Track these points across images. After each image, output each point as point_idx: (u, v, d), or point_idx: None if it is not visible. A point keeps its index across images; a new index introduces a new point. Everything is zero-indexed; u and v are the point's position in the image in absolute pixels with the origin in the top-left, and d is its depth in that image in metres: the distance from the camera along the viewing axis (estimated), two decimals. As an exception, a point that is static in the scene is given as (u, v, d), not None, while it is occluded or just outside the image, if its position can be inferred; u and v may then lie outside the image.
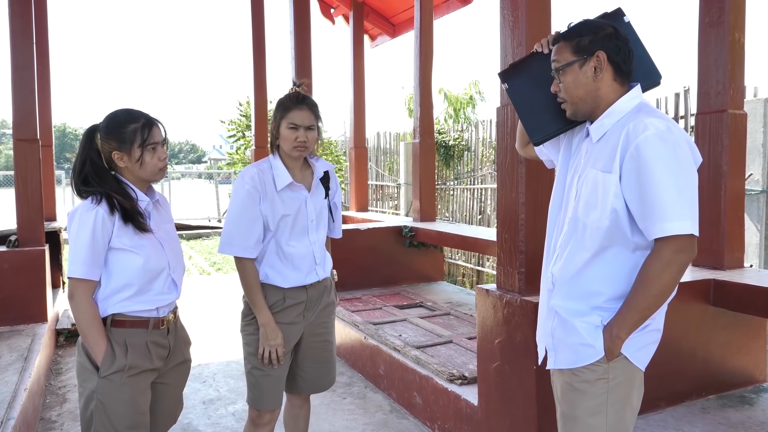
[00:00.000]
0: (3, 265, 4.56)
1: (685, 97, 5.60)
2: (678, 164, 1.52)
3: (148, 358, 1.99)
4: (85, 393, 1.93)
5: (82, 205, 1.92)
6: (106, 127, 1.99)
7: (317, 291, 2.42)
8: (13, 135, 4.78)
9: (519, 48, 2.59)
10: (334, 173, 2.50)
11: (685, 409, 2.89)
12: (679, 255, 1.52)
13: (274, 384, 2.37)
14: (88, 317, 1.90)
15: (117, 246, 1.92)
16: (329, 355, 2.52)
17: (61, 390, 4.05)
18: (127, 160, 1.97)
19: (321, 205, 2.40)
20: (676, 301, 2.91)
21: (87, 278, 1.89)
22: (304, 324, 2.41)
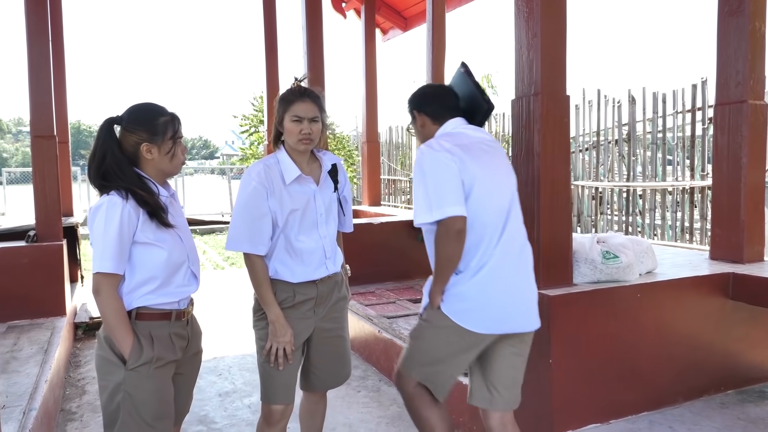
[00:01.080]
0: (22, 260, 4.62)
1: (703, 88, 5.54)
2: (428, 170, 2.15)
3: (172, 350, 2.02)
4: (110, 386, 1.93)
5: (107, 199, 1.90)
6: (135, 119, 1.98)
7: (328, 286, 2.38)
8: (31, 132, 4.83)
9: (534, 39, 2.57)
10: (342, 166, 2.48)
11: (703, 403, 2.87)
12: (445, 232, 2.07)
13: (286, 378, 2.33)
14: (116, 312, 1.90)
15: (141, 240, 1.93)
16: (343, 351, 2.48)
17: (80, 382, 4.10)
18: (156, 153, 1.98)
19: (330, 198, 2.37)
20: (695, 295, 2.91)
21: (115, 273, 1.88)
22: (315, 320, 2.37)
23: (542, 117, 2.58)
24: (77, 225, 6.35)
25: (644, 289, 2.77)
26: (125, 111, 2.02)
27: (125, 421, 1.92)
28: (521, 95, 2.68)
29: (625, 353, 2.71)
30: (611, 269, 2.75)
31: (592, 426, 2.63)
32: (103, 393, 1.96)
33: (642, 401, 2.76)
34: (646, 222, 6.18)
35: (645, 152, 6.24)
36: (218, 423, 3.45)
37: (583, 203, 6.90)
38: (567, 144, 2.68)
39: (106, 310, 1.90)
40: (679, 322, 2.87)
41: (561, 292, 2.57)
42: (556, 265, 2.65)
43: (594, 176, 6.80)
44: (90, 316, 5.26)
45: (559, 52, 2.62)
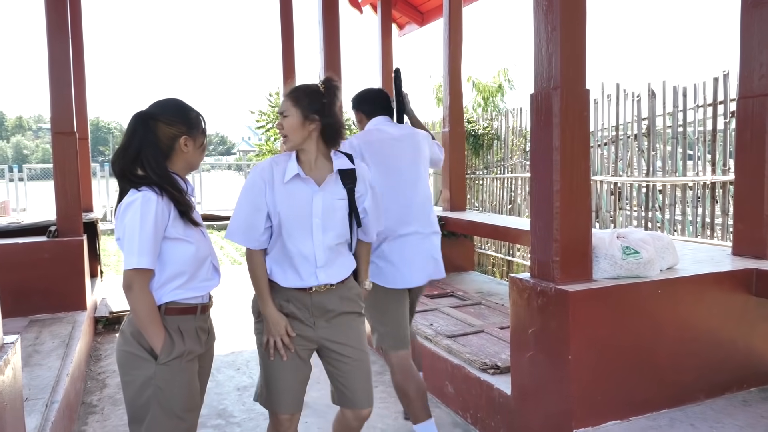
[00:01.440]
0: (44, 255, 4.68)
1: (725, 81, 5.45)
2: None
3: (199, 343, 2.06)
4: (138, 381, 1.93)
5: (141, 195, 1.88)
6: (173, 112, 2.00)
7: (325, 298, 2.22)
8: (52, 128, 4.89)
9: (553, 33, 2.54)
10: (363, 173, 2.29)
11: (725, 401, 2.83)
12: None
13: (288, 385, 2.24)
14: (149, 307, 1.91)
15: (172, 236, 1.94)
16: (362, 371, 2.28)
17: (101, 375, 4.15)
18: (191, 146, 2.02)
19: (333, 204, 2.20)
20: (717, 291, 2.87)
21: (150, 268, 1.88)
22: (316, 332, 2.25)
23: (561, 111, 2.56)
24: (97, 220, 6.43)
25: (665, 285, 2.74)
26: (155, 106, 2.02)
27: (156, 415, 1.93)
28: (540, 89, 2.66)
29: (646, 350, 2.69)
30: (631, 265, 2.72)
31: (611, 423, 2.60)
32: (128, 388, 1.97)
33: (662, 398, 2.73)
34: (666, 217, 6.10)
35: (665, 147, 6.15)
36: (236, 417, 3.48)
37: (602, 198, 6.84)
38: (586, 138, 2.65)
39: (140, 306, 1.89)
40: (701, 319, 2.83)
41: (580, 287, 2.55)
42: (576, 260, 2.63)
43: (613, 171, 6.73)
44: (110, 311, 5.33)
45: (578, 46, 2.59)
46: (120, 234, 1.92)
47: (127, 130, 1.98)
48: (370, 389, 2.34)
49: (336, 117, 2.20)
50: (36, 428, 2.67)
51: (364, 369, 2.31)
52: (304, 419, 3.41)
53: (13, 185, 16.09)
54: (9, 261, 4.57)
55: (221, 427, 3.34)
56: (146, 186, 1.91)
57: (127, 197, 1.92)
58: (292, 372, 2.25)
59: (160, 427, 1.94)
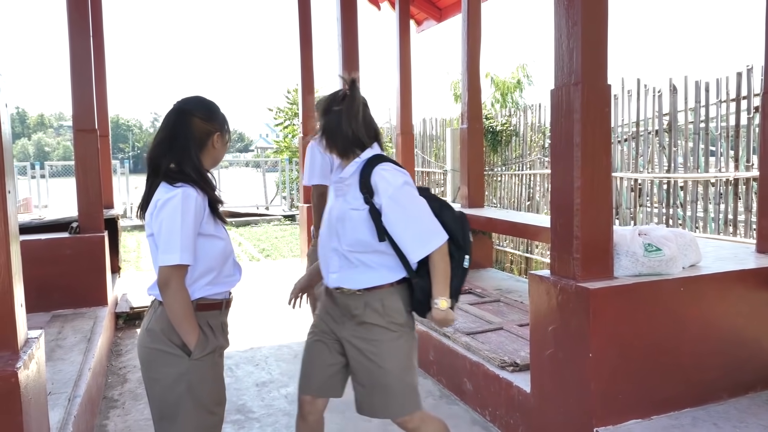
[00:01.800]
0: (65, 251, 4.75)
1: (748, 75, 5.36)
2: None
3: (225, 338, 2.09)
4: (169, 378, 1.94)
5: (182, 191, 1.88)
6: (209, 109, 2.02)
7: (351, 301, 2.19)
8: (73, 125, 4.95)
9: (575, 27, 2.52)
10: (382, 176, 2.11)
11: (749, 401, 2.79)
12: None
13: (305, 368, 2.33)
14: (186, 304, 1.90)
15: (206, 232, 1.95)
16: (374, 380, 2.21)
17: (122, 370, 4.20)
18: (220, 144, 2.05)
19: (345, 214, 2.15)
20: (741, 289, 2.82)
21: (189, 264, 1.88)
22: (341, 332, 2.25)
23: (582, 107, 2.53)
24: (118, 217, 6.50)
25: (688, 282, 2.70)
26: (189, 102, 2.02)
27: (189, 410, 1.95)
28: (561, 84, 2.63)
29: (668, 348, 2.65)
30: (653, 262, 2.69)
31: (633, 421, 2.58)
32: (155, 386, 1.97)
33: (685, 397, 2.70)
34: (687, 214, 6.02)
35: (686, 143, 6.07)
36: (255, 412, 3.50)
37: (622, 195, 6.76)
38: (608, 134, 2.62)
39: (177, 303, 1.88)
40: (725, 317, 2.79)
41: (601, 285, 2.52)
42: (597, 258, 2.60)
43: (633, 168, 6.65)
44: (130, 306, 5.39)
45: (599, 40, 2.56)
46: (155, 230, 1.89)
47: (167, 125, 1.97)
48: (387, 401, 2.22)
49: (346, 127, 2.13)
50: (59, 422, 2.71)
51: (379, 380, 2.21)
52: (323, 415, 3.42)
53: (35, 182, 16.33)
54: (31, 257, 4.62)
55: (240, 422, 3.36)
56: (184, 182, 1.91)
57: (164, 193, 1.90)
58: (313, 355, 2.32)
59: (193, 422, 1.96)
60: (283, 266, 8.29)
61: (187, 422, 1.95)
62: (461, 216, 2.23)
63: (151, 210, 1.93)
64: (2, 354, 1.95)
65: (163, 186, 1.92)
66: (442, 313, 2.13)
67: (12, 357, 1.94)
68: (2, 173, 1.97)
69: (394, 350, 2.20)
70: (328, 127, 2.16)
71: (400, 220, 2.09)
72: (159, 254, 1.87)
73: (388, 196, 2.08)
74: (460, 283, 2.20)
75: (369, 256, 2.16)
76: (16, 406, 1.88)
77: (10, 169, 2.04)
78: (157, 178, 1.95)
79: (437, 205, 2.19)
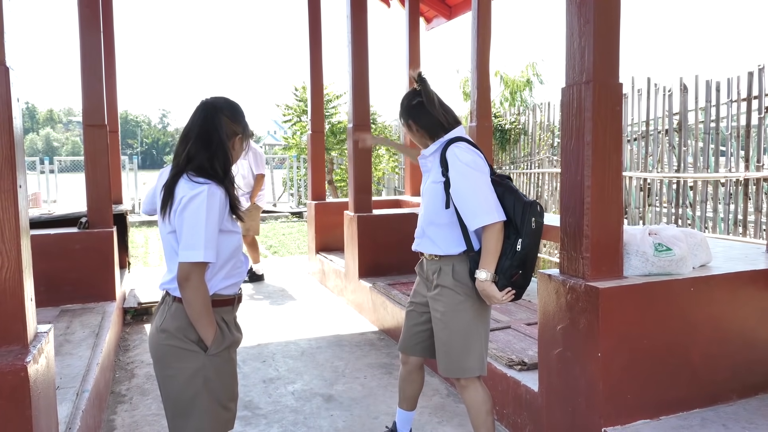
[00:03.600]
0: (75, 246, 4.77)
1: (760, 75, 5.32)
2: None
3: (238, 332, 2.11)
4: (185, 374, 1.94)
5: (207, 188, 1.87)
6: (235, 111, 2.03)
7: (429, 266, 2.60)
8: (83, 121, 4.97)
9: (587, 26, 2.50)
10: (454, 152, 2.44)
11: (759, 402, 2.77)
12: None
13: (403, 330, 2.79)
14: (205, 300, 1.91)
15: (225, 229, 1.96)
16: (441, 337, 2.55)
17: (129, 366, 4.22)
18: (239, 146, 2.06)
19: (428, 187, 2.57)
20: (752, 290, 2.80)
21: (212, 261, 1.88)
22: (426, 294, 2.64)
23: (593, 105, 2.51)
24: (126, 212, 6.52)
25: (698, 282, 2.68)
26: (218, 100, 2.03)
27: (205, 406, 1.96)
28: (572, 83, 2.61)
29: (677, 348, 2.64)
30: (664, 262, 2.67)
31: (641, 422, 2.56)
32: (171, 382, 1.97)
33: (694, 398, 2.68)
34: (697, 214, 5.99)
35: (697, 143, 6.03)
36: (263, 409, 3.50)
37: (631, 195, 6.73)
38: (619, 133, 2.60)
39: (197, 299, 1.88)
40: (735, 318, 2.77)
41: (611, 284, 2.51)
42: (606, 257, 2.59)
43: (643, 167, 6.62)
44: (138, 302, 5.41)
45: (611, 39, 2.54)
46: (177, 226, 1.89)
47: (202, 121, 1.96)
48: (446, 359, 2.54)
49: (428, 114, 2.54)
50: (67, 416, 2.72)
51: (443, 338, 2.54)
52: (329, 412, 3.42)
53: (43, 177, 16.40)
54: (41, 251, 4.65)
55: (247, 418, 3.37)
56: (208, 179, 1.90)
57: (188, 190, 1.88)
58: (407, 319, 2.77)
59: (209, 417, 1.97)
60: (291, 263, 8.30)
61: (203, 418, 1.95)
62: (526, 203, 2.39)
63: (175, 207, 1.90)
64: (12, 348, 1.96)
65: (186, 182, 1.90)
66: (481, 284, 2.38)
67: (22, 351, 1.95)
68: (14, 168, 1.97)
69: (459, 312, 2.50)
70: (415, 118, 2.56)
71: (462, 190, 2.38)
72: (180, 250, 1.85)
73: (456, 168, 2.39)
74: (513, 265, 2.37)
75: (439, 229, 2.51)
76: (25, 400, 1.88)
77: (21, 164, 2.05)
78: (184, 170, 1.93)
79: (501, 190, 2.43)
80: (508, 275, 2.37)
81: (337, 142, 13.89)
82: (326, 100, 13.97)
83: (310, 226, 7.37)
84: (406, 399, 2.88)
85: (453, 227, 2.48)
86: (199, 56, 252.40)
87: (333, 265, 6.38)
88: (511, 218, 2.37)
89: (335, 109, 14.97)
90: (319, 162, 7.49)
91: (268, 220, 13.99)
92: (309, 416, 3.39)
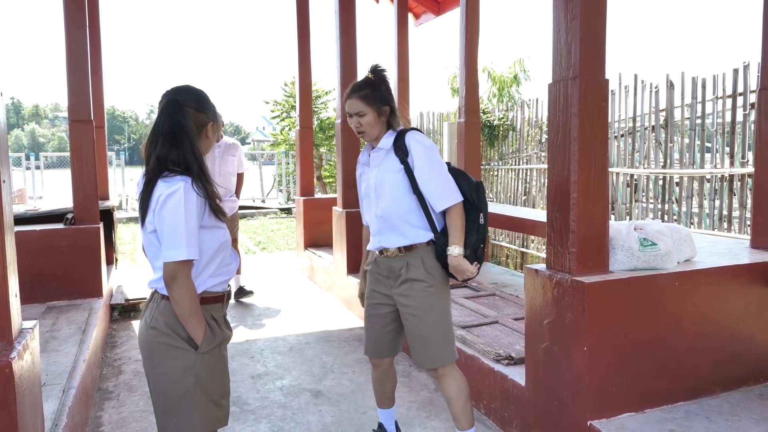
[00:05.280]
0: (60, 242, 4.73)
1: (745, 72, 5.37)
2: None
3: (228, 329, 2.10)
4: (175, 372, 1.93)
5: (183, 185, 1.84)
6: (202, 100, 2.01)
7: (394, 262, 2.55)
8: (69, 116, 4.92)
9: (573, 22, 2.51)
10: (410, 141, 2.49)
11: (742, 395, 2.80)
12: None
13: (368, 336, 2.73)
14: (193, 299, 1.89)
15: (208, 224, 1.93)
16: (418, 333, 2.54)
17: (117, 362, 4.19)
18: (211, 134, 2.05)
19: (384, 178, 2.51)
20: (735, 284, 2.84)
21: (195, 258, 1.86)
22: (390, 292, 2.60)
23: (580, 101, 2.53)
24: (113, 209, 6.48)
25: (683, 277, 2.71)
26: (180, 92, 1.99)
27: (198, 403, 1.94)
28: (558, 79, 2.63)
29: (662, 342, 2.66)
30: (649, 257, 2.69)
31: (626, 415, 2.59)
32: (161, 380, 1.95)
33: (678, 391, 2.71)
34: (683, 210, 6.04)
35: (683, 139, 6.08)
36: (251, 404, 3.50)
37: (618, 190, 6.78)
38: (605, 129, 2.62)
39: (185, 297, 1.87)
40: (719, 312, 2.80)
41: (597, 279, 2.53)
42: (592, 252, 2.61)
43: (629, 163, 6.66)
44: (125, 298, 5.38)
45: (598, 35, 2.56)
46: (158, 226, 1.86)
47: (167, 119, 1.92)
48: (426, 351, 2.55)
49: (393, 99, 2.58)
50: (53, 413, 2.71)
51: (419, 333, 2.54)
52: (318, 407, 3.43)
53: (29, 173, 16.25)
54: (26, 248, 4.62)
55: (236, 414, 3.36)
56: (184, 176, 1.87)
57: (165, 188, 1.86)
58: (367, 325, 2.73)
59: (200, 414, 1.95)
60: (279, 259, 8.29)
61: (194, 415, 1.94)
62: (478, 183, 2.56)
63: (153, 206, 1.88)
64: (-3, 344, 1.95)
65: (163, 181, 1.87)
66: (454, 259, 2.44)
67: (6, 347, 1.94)
68: (-3, 163, 1.96)
69: (433, 304, 2.53)
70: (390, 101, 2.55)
71: (428, 173, 2.45)
72: (163, 250, 1.84)
73: (420, 153, 2.46)
74: (479, 240, 2.50)
75: (404, 217, 2.51)
76: (10, 396, 1.87)
77: (5, 159, 2.03)
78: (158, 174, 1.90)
79: (454, 173, 2.54)
80: (475, 248, 2.50)
81: (326, 138, 13.86)
82: (315, 96, 13.94)
83: (299, 222, 7.36)
84: (385, 398, 2.89)
85: (418, 213, 2.51)
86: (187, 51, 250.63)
87: (321, 261, 6.37)
88: (468, 197, 2.51)
89: (324, 105, 14.93)
90: (308, 158, 7.47)
91: (257, 216, 13.95)
92: (297, 411, 3.39)
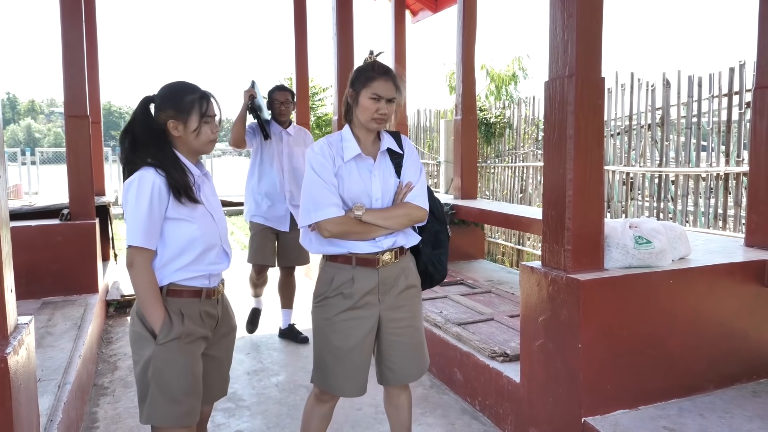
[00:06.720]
0: (56, 238, 4.72)
1: (741, 71, 5.38)
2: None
3: (204, 327, 2.07)
4: (141, 360, 1.98)
5: (139, 175, 1.95)
6: (164, 96, 2.04)
7: (387, 272, 2.24)
8: (65, 112, 4.91)
9: (570, 19, 2.52)
10: (408, 141, 2.36)
11: (735, 392, 2.82)
12: None
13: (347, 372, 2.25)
14: (147, 285, 1.95)
15: (173, 216, 1.98)
16: (418, 342, 2.34)
17: (112, 358, 4.19)
18: (182, 130, 2.02)
19: (388, 182, 2.25)
20: (729, 282, 2.85)
21: (145, 247, 1.94)
22: (380, 308, 2.26)
23: (576, 99, 2.53)
24: (109, 204, 6.46)
25: (677, 275, 2.72)
26: (160, 90, 2.08)
27: (155, 395, 1.96)
28: (555, 77, 2.63)
29: (656, 339, 2.68)
30: (644, 254, 2.71)
31: (620, 411, 2.60)
32: (136, 367, 2.02)
33: (672, 388, 2.73)
34: (678, 208, 6.06)
35: (679, 137, 6.10)
36: (246, 401, 3.50)
37: (614, 188, 6.79)
38: (601, 127, 2.63)
39: (138, 284, 1.95)
40: (713, 310, 2.81)
41: (591, 276, 2.54)
42: (587, 249, 2.62)
43: (625, 161, 6.68)
44: (121, 294, 5.37)
45: (594, 33, 2.56)
46: (124, 213, 1.99)
47: (132, 119, 2.06)
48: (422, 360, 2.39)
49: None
50: (49, 409, 2.71)
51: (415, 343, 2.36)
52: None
53: (25, 168, 16.20)
54: (22, 243, 4.60)
55: (231, 410, 3.37)
56: (145, 167, 1.97)
57: (130, 178, 1.99)
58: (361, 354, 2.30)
59: (157, 408, 1.97)
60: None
61: (152, 407, 1.97)
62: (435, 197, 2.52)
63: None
64: (-8, 339, 1.95)
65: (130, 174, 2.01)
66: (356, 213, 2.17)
67: (2, 343, 1.93)
68: (-7, 158, 1.95)
69: (420, 308, 2.41)
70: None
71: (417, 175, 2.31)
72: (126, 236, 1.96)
73: (414, 157, 2.35)
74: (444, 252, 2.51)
75: None
76: (5, 391, 1.87)
77: (0, 154, 2.03)
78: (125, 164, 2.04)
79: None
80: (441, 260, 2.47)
81: (323, 134, 13.82)
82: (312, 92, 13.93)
83: (295, 218, 7.35)
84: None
85: None
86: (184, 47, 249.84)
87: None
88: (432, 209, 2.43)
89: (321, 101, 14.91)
90: (305, 154, 7.45)
91: (253, 213, 13.93)
92: (293, 408, 3.40)
